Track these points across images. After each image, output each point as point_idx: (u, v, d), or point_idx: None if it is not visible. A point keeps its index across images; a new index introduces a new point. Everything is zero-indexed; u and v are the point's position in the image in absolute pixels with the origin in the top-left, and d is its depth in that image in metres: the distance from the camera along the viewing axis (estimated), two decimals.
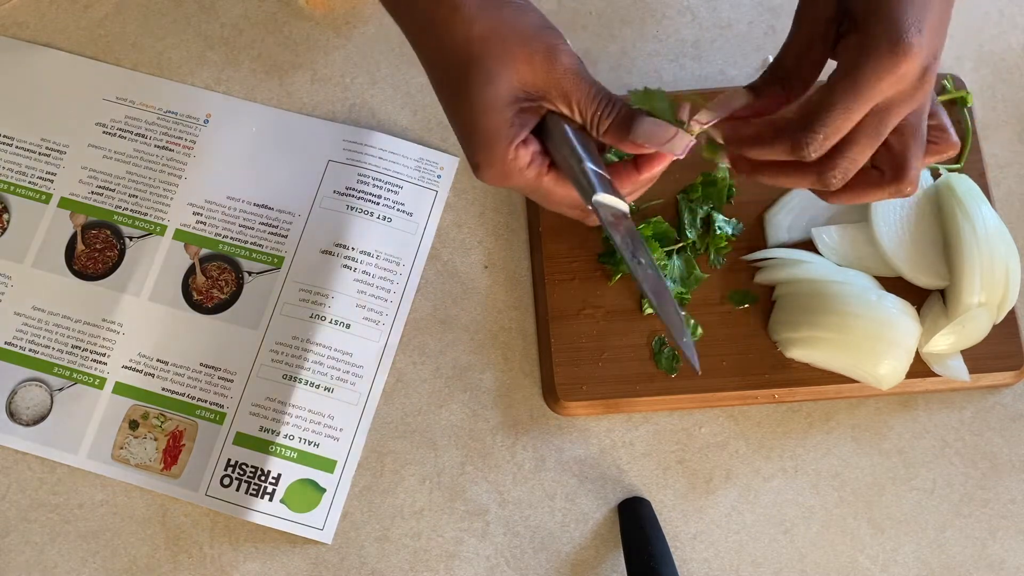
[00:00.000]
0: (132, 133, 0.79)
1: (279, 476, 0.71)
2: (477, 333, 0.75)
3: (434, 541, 0.71)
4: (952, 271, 0.71)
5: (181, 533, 0.71)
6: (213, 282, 0.76)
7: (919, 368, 0.70)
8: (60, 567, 0.71)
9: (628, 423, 0.73)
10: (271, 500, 0.71)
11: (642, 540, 0.68)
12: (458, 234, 0.77)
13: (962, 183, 0.72)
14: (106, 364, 0.74)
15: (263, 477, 0.71)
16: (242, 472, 0.71)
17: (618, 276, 0.73)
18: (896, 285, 0.72)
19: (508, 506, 0.72)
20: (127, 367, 0.74)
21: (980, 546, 0.71)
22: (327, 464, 0.72)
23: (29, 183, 0.78)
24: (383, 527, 0.71)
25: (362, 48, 0.81)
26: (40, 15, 0.82)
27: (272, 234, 0.77)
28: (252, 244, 0.76)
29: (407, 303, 0.75)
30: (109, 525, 0.71)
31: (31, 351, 0.74)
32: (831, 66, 0.55)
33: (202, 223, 0.77)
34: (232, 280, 0.76)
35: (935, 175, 0.74)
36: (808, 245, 0.73)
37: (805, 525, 0.71)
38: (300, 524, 0.71)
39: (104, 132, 0.79)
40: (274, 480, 0.71)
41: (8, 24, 0.81)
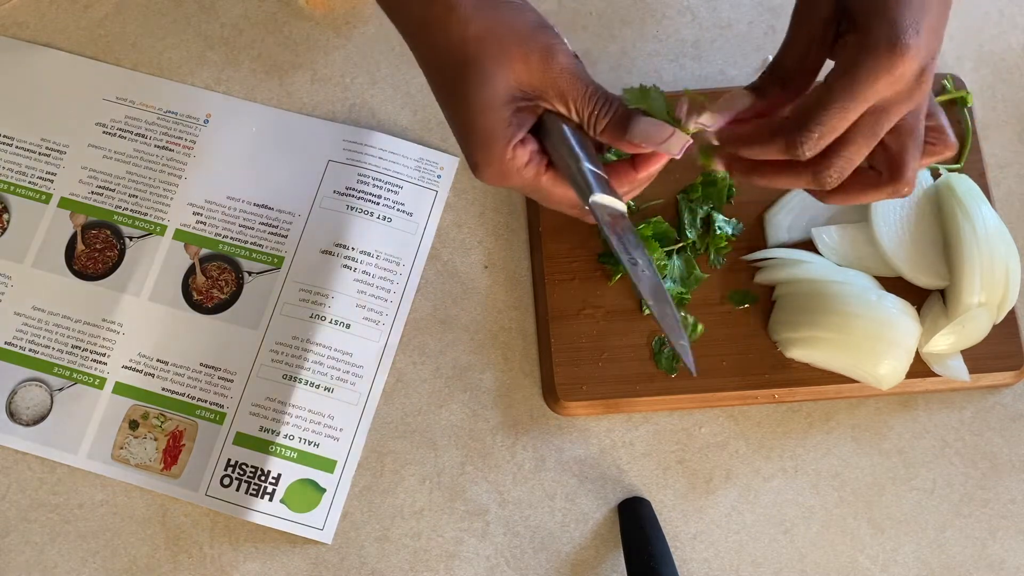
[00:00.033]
0: (132, 133, 0.79)
1: (279, 476, 0.71)
2: (477, 333, 0.75)
3: (434, 541, 0.71)
4: (952, 271, 0.71)
5: (181, 533, 0.71)
6: (213, 282, 0.76)
7: (919, 368, 0.70)
8: (60, 567, 0.71)
9: (628, 423, 0.73)
10: (271, 500, 0.71)
11: (642, 540, 0.68)
12: (458, 234, 0.77)
13: (962, 183, 0.72)
14: (106, 364, 0.74)
15: (263, 477, 0.71)
16: (242, 472, 0.71)
17: (618, 276, 0.73)
18: (896, 285, 0.72)
19: (508, 506, 0.72)
20: (127, 367, 0.74)
21: (980, 546, 0.71)
22: (327, 464, 0.72)
23: (29, 183, 0.78)
24: (383, 527, 0.71)
25: (362, 48, 0.81)
26: (40, 15, 0.82)
27: (272, 234, 0.77)
28: (252, 244, 0.76)
29: (407, 303, 0.75)
30: (109, 525, 0.71)
31: (31, 351, 0.74)
32: (829, 66, 0.55)
33: (202, 223, 0.77)
34: (232, 280, 0.76)
35: (935, 175, 0.74)
36: (808, 245, 0.74)
37: (805, 525, 0.71)
38: (300, 524, 0.71)
39: (104, 132, 0.79)
40: (274, 480, 0.71)
41: (8, 24, 0.81)
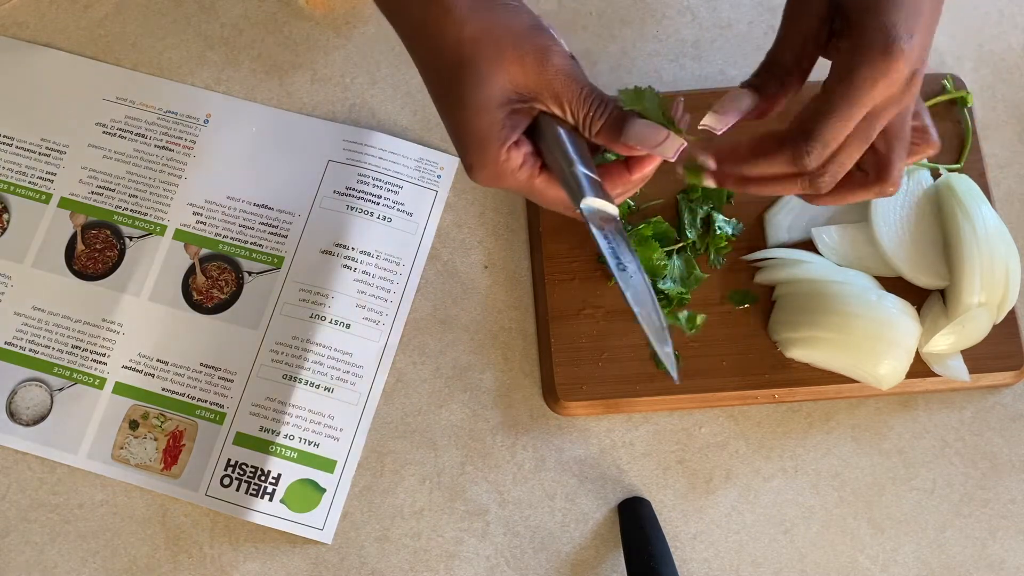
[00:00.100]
0: (132, 133, 0.79)
1: (279, 476, 0.71)
2: (477, 333, 0.75)
3: (434, 541, 0.71)
4: (952, 271, 0.71)
5: (181, 533, 0.71)
6: (213, 282, 0.75)
7: (919, 368, 0.70)
8: (60, 567, 0.71)
9: (628, 423, 0.73)
10: (271, 500, 0.71)
11: (642, 540, 0.68)
12: (458, 234, 0.77)
13: (962, 183, 0.72)
14: (106, 364, 0.74)
15: (263, 477, 0.71)
16: (242, 472, 0.71)
17: None
18: (896, 285, 0.72)
19: (508, 506, 0.72)
20: (127, 367, 0.74)
21: (980, 546, 0.71)
22: (327, 464, 0.72)
23: (29, 183, 0.78)
24: (383, 527, 0.71)
25: (362, 48, 0.81)
26: (40, 15, 0.82)
27: (272, 234, 0.77)
28: (252, 244, 0.76)
29: (407, 303, 0.75)
30: (109, 525, 0.71)
31: (31, 351, 0.74)
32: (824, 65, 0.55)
33: (202, 223, 0.77)
34: (232, 280, 0.76)
35: (935, 175, 0.74)
36: (808, 245, 0.73)
37: (805, 525, 0.71)
38: (300, 524, 0.71)
39: (104, 132, 0.79)
40: (274, 480, 0.71)
41: (8, 24, 0.81)
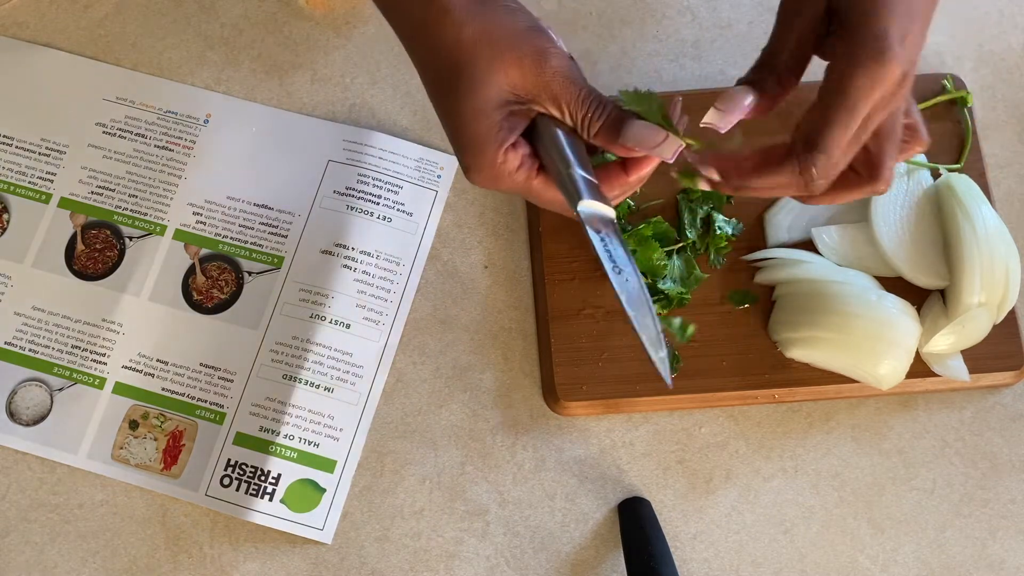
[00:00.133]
0: (132, 133, 0.79)
1: (279, 476, 0.71)
2: (477, 333, 0.75)
3: (434, 541, 0.71)
4: (952, 271, 0.71)
5: (181, 533, 0.71)
6: (213, 282, 0.75)
7: (919, 368, 0.70)
8: (60, 567, 0.71)
9: (628, 423, 0.73)
10: (271, 500, 0.71)
11: (642, 540, 0.68)
12: (458, 234, 0.77)
13: (962, 183, 0.72)
14: (106, 364, 0.74)
15: (263, 477, 0.71)
16: (242, 472, 0.71)
17: None
18: (896, 285, 0.72)
19: (508, 506, 0.72)
20: (127, 367, 0.74)
21: (980, 546, 0.71)
22: (327, 464, 0.72)
23: (29, 183, 0.78)
24: (383, 527, 0.71)
25: (362, 48, 0.81)
26: (40, 15, 0.82)
27: (272, 234, 0.77)
28: (252, 244, 0.76)
29: (407, 303, 0.75)
30: (109, 525, 0.71)
31: (31, 351, 0.74)
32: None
33: (202, 223, 0.77)
34: (232, 280, 0.76)
35: (935, 175, 0.74)
36: (808, 245, 0.73)
37: (805, 525, 0.71)
38: (300, 524, 0.71)
39: (104, 132, 0.79)
40: (274, 480, 0.71)
41: (8, 24, 0.81)
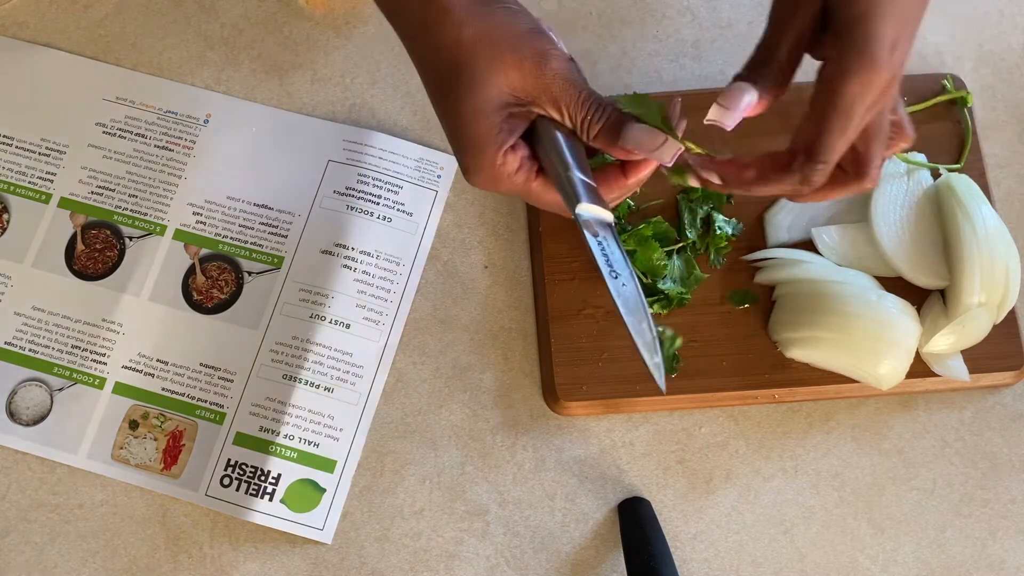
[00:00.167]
0: (132, 133, 0.79)
1: (279, 476, 0.71)
2: (477, 333, 0.75)
3: (434, 541, 0.71)
4: (952, 271, 0.71)
5: (181, 533, 0.71)
6: (213, 282, 0.75)
7: (919, 368, 0.70)
8: (60, 567, 0.71)
9: (628, 423, 0.73)
10: (271, 500, 0.71)
11: (642, 540, 0.68)
12: (458, 234, 0.77)
13: (962, 183, 0.72)
14: (106, 364, 0.74)
15: (263, 477, 0.71)
16: (242, 472, 0.71)
17: None
18: (896, 285, 0.72)
19: (508, 506, 0.72)
20: (127, 367, 0.74)
21: (980, 546, 0.71)
22: (327, 464, 0.72)
23: (29, 183, 0.78)
24: (383, 527, 0.71)
25: (362, 48, 0.81)
26: (40, 15, 0.82)
27: (272, 234, 0.77)
28: (252, 244, 0.76)
29: (407, 303, 0.75)
30: (109, 525, 0.71)
31: (31, 351, 0.74)
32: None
33: (202, 223, 0.77)
34: (232, 280, 0.76)
35: (935, 175, 0.74)
36: (808, 245, 0.73)
37: (805, 525, 0.71)
38: (300, 524, 0.71)
39: (104, 132, 0.79)
40: (274, 480, 0.71)
41: (8, 24, 0.81)
